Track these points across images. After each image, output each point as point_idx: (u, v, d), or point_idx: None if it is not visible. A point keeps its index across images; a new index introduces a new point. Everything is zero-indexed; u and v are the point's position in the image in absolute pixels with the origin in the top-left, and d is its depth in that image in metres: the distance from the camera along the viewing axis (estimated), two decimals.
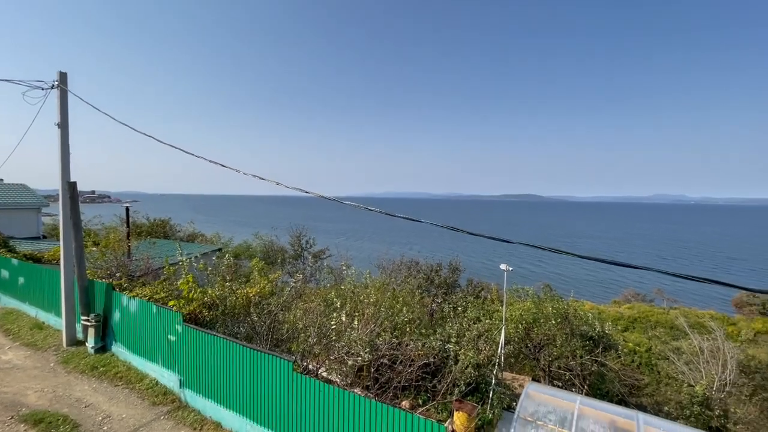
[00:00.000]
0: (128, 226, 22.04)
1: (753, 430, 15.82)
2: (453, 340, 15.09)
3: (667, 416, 17.25)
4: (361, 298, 10.95)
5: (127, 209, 22.60)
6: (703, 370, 17.11)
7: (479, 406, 13.74)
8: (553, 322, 15.84)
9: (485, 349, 12.79)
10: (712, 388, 16.52)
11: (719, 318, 37.38)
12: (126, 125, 12.66)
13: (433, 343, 14.68)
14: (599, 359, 15.92)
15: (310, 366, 10.77)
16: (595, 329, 16.22)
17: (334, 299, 10.66)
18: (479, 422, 13.58)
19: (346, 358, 9.25)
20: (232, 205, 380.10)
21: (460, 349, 13.87)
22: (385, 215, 6.12)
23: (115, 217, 33.93)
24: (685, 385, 17.14)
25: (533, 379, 19.06)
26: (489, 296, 24.12)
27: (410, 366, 10.74)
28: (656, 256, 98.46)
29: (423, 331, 15.28)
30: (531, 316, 16.34)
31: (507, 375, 18.75)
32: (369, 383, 10.28)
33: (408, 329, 11.85)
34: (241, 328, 11.02)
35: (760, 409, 16.72)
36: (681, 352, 19.33)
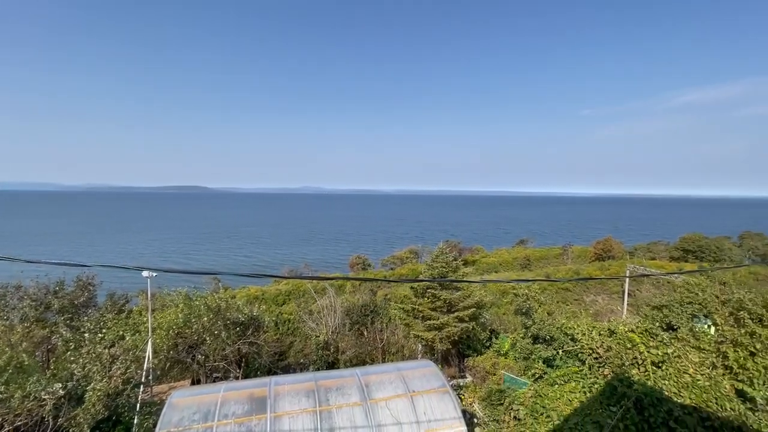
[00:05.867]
0: None
1: (354, 351, 22.73)
2: (78, 373, 12.08)
3: (303, 367, 21.88)
4: None
5: None
6: (323, 322, 22.84)
7: None
8: (206, 318, 15.99)
9: (119, 374, 11.04)
10: (330, 333, 22.44)
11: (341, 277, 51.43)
12: None
13: (48, 389, 11.10)
14: (250, 340, 17.74)
15: None
16: (245, 314, 17.85)
17: None
18: None
19: None
20: None
21: (86, 385, 11.28)
22: None
23: None
24: (314, 337, 22.26)
25: (193, 381, 18.62)
26: (136, 307, 21.03)
27: None
28: (299, 239, 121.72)
29: (24, 378, 11.18)
30: (182, 319, 15.72)
31: (162, 388, 17.25)
32: None
33: None
34: None
35: (355, 336, 24.38)
36: (311, 312, 24.88)
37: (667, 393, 10.04)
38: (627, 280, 35.43)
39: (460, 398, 16.70)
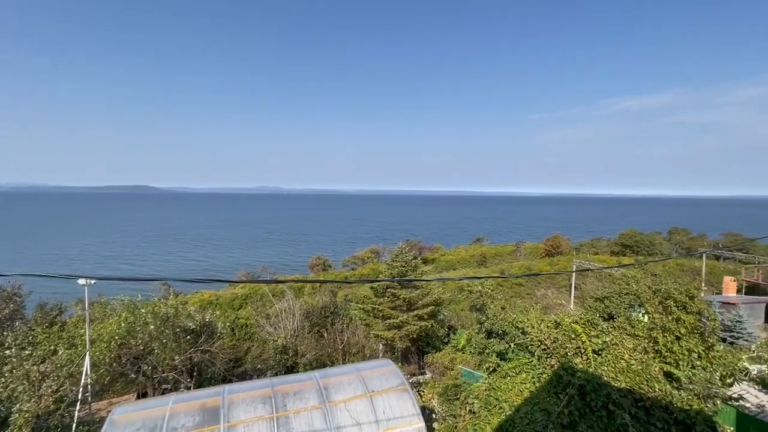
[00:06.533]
0: None
1: (314, 354, 22.31)
2: (1, 394, 10.89)
3: (260, 372, 21.20)
4: None
5: None
6: (282, 326, 22.28)
7: None
8: (152, 327, 15.02)
9: (50, 392, 10.11)
10: (289, 336, 21.92)
11: (302, 279, 50.32)
12: None
13: None
14: (203, 348, 16.90)
15: None
16: (196, 321, 16.98)
17: None
18: None
19: None
20: None
21: (11, 407, 10.22)
22: None
23: None
24: (272, 341, 21.65)
25: (139, 394, 17.44)
26: (71, 318, 19.29)
27: None
28: (255, 240, 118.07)
29: None
30: (125, 328, 14.65)
31: (101, 404, 16.01)
32: None
33: None
34: None
35: (315, 338, 24.01)
36: (269, 316, 24.16)
37: (606, 378, 10.86)
38: (573, 274, 37.85)
39: (419, 395, 16.99)
